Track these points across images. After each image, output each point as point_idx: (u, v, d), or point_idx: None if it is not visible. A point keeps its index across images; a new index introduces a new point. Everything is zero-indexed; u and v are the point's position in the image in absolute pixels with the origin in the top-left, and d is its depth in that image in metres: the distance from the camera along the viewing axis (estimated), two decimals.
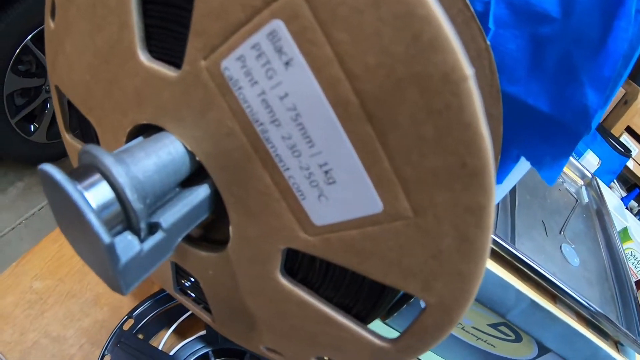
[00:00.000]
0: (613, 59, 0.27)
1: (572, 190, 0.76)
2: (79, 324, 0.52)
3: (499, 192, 0.39)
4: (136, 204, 0.21)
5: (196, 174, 0.25)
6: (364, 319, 0.27)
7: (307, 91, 0.16)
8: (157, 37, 0.22)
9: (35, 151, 1.35)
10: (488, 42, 0.25)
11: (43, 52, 1.26)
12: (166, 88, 0.22)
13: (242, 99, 0.18)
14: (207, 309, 0.40)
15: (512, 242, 0.52)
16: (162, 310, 0.50)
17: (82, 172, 0.20)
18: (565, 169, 0.82)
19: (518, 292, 0.45)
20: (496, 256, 0.45)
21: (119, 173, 0.20)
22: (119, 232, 0.22)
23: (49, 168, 0.20)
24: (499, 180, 0.36)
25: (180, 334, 0.52)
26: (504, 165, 0.34)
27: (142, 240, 0.22)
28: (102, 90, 0.26)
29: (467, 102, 0.15)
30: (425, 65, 0.15)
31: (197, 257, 0.31)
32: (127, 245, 0.21)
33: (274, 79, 0.17)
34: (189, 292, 0.41)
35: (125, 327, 0.48)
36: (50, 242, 0.58)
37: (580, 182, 0.81)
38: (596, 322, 0.47)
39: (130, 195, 0.20)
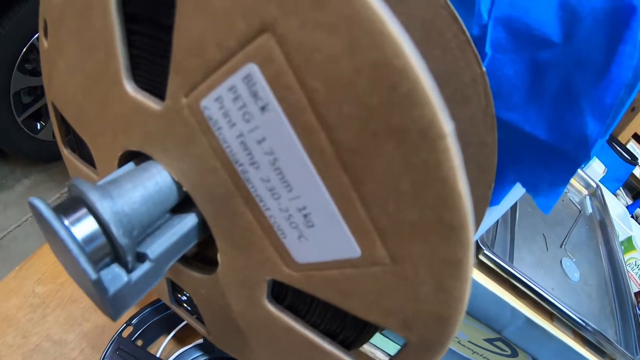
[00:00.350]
0: (616, 86, 0.26)
1: (576, 200, 0.76)
2: (80, 328, 0.53)
3: (495, 213, 0.39)
4: (122, 239, 0.21)
5: (186, 201, 0.25)
6: (350, 345, 0.27)
7: (283, 137, 0.16)
8: (143, 68, 0.22)
9: (42, 149, 1.37)
10: (484, 68, 0.24)
11: None
12: (151, 119, 0.22)
13: (221, 139, 0.18)
14: (202, 321, 0.40)
15: (511, 256, 0.52)
16: (161, 317, 0.51)
17: (69, 206, 0.21)
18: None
19: (514, 309, 0.44)
20: (492, 273, 0.45)
21: (104, 209, 0.20)
22: (107, 265, 0.22)
23: (37, 202, 0.20)
24: (496, 201, 0.36)
25: (179, 340, 0.52)
26: (501, 188, 0.34)
27: (129, 271, 0.22)
28: (93, 112, 0.26)
29: (445, 158, 0.15)
30: (402, 119, 0.15)
31: (190, 276, 0.31)
32: (115, 277, 0.22)
33: (250, 122, 0.17)
34: (184, 305, 0.41)
35: (125, 334, 0.49)
36: (42, 265, 0.59)
37: (585, 192, 0.80)
38: (593, 341, 0.46)
39: (116, 231, 0.20)
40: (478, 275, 0.44)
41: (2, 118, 1.20)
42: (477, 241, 0.44)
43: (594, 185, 0.80)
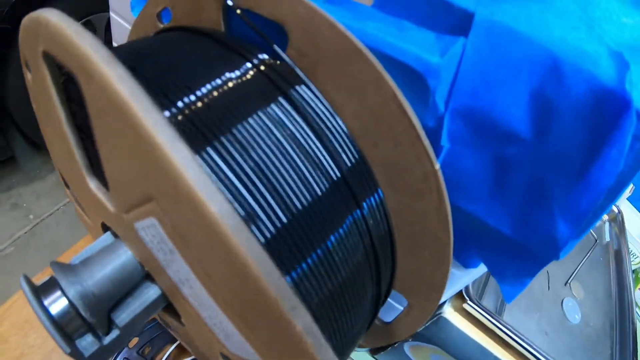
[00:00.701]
0: (595, 192, 0.23)
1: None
2: None
3: (474, 273, 0.39)
4: (89, 318, 0.24)
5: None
6: None
7: (191, 275, 0.18)
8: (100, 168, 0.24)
9: None
10: (437, 166, 0.24)
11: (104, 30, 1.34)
12: (109, 214, 0.24)
13: (156, 256, 0.21)
14: None
15: (504, 300, 0.52)
16: (165, 331, 0.55)
17: (49, 287, 0.24)
18: None
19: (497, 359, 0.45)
20: (477, 322, 0.46)
21: (72, 294, 0.23)
22: (83, 334, 0.25)
23: (22, 282, 0.24)
24: (474, 265, 0.36)
25: (183, 350, 0.57)
26: (472, 260, 0.34)
27: (101, 339, 0.26)
28: (75, 181, 0.29)
29: None
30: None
31: (169, 318, 0.34)
32: (89, 344, 0.25)
33: (167, 256, 0.19)
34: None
35: (131, 344, 0.53)
36: (72, 253, 0.64)
37: (605, 217, 0.77)
38: None
39: (83, 312, 0.23)
40: (462, 324, 0.45)
41: None
42: (461, 291, 0.45)
43: (616, 210, 0.77)
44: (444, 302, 0.48)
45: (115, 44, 0.53)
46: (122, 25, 0.50)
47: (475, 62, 0.22)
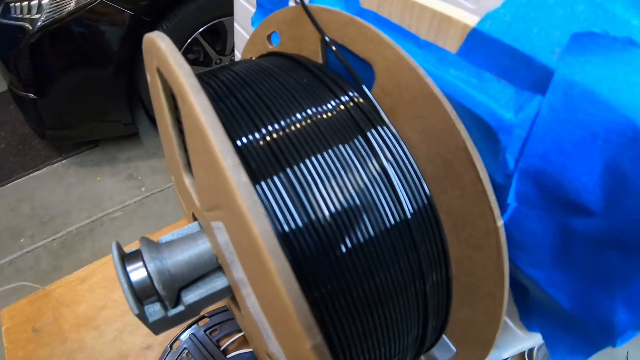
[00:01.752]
0: None
1: None
2: None
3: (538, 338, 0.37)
4: (161, 290, 0.28)
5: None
6: None
7: (244, 278, 0.21)
8: None
9: None
10: (500, 223, 0.24)
11: (211, 45, 1.50)
12: (197, 209, 0.28)
13: (224, 254, 0.24)
14: None
15: None
16: (234, 319, 0.60)
17: (134, 257, 0.29)
18: None
19: None
20: None
21: (151, 267, 0.28)
22: (153, 302, 0.30)
23: (113, 247, 0.29)
24: (536, 329, 0.34)
25: (247, 340, 0.61)
26: (532, 326, 0.32)
27: (167, 310, 0.30)
28: (175, 174, 0.34)
29: None
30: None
31: (235, 309, 0.38)
32: (155, 311, 0.30)
33: (231, 256, 0.22)
34: None
35: (200, 323, 0.59)
36: (172, 228, 0.72)
37: None
38: None
39: (157, 284, 0.28)
40: None
41: None
42: (524, 354, 0.43)
43: None
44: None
45: (237, 51, 0.60)
46: (244, 36, 0.56)
47: (550, 123, 0.21)
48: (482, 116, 0.23)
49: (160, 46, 0.21)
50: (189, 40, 1.42)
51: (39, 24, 1.31)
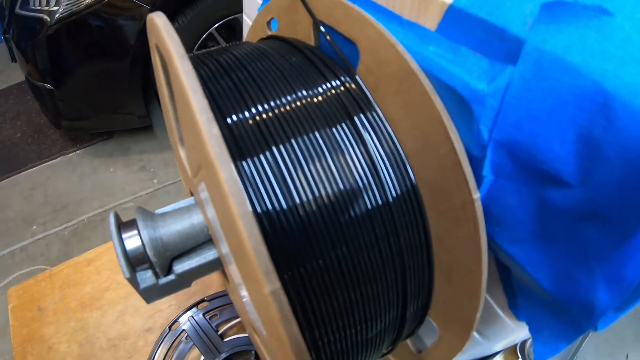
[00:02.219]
0: None
1: None
2: None
3: None
4: (152, 258, 0.30)
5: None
6: None
7: (222, 234, 0.23)
8: None
9: None
10: (475, 195, 0.25)
11: (226, 40, 1.53)
12: (190, 181, 0.30)
13: (209, 216, 0.26)
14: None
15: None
16: (231, 303, 0.62)
17: (129, 225, 0.30)
18: None
19: None
20: None
21: (144, 235, 0.29)
22: (145, 269, 0.31)
23: (111, 216, 0.31)
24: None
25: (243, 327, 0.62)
26: (521, 314, 0.32)
27: (158, 278, 0.32)
28: (175, 150, 0.36)
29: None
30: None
31: (228, 286, 0.40)
32: (146, 278, 0.31)
33: (214, 221, 0.24)
34: None
35: (200, 306, 0.61)
36: None
37: None
38: None
39: (149, 251, 0.30)
40: None
41: None
42: (515, 346, 0.43)
43: None
44: (497, 353, 0.47)
45: (246, 17, 0.63)
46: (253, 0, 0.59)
47: (521, 92, 0.22)
48: (456, 88, 0.24)
49: (156, 22, 0.23)
50: (204, 35, 1.45)
51: (57, 16, 1.35)
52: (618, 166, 0.20)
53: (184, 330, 0.59)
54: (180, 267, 0.32)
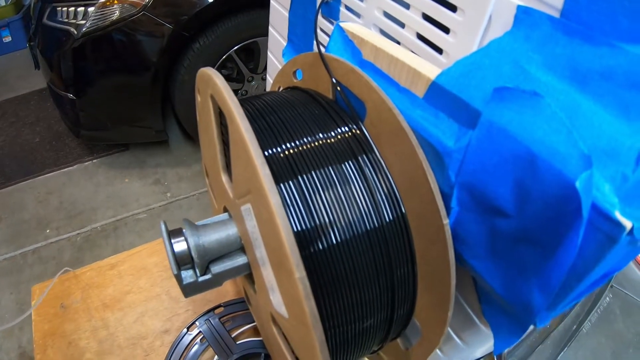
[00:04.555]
0: (561, 273, 0.28)
1: None
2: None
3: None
4: (196, 259, 0.40)
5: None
6: None
7: (262, 244, 0.32)
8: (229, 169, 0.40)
9: None
10: (445, 221, 0.34)
11: (244, 63, 1.65)
12: (229, 200, 0.40)
13: (250, 235, 0.35)
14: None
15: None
16: (247, 313, 0.71)
17: (177, 233, 0.40)
18: None
19: None
20: None
21: (191, 242, 0.39)
22: (188, 268, 0.41)
23: (162, 225, 0.40)
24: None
25: (256, 332, 0.71)
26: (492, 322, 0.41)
27: (198, 276, 0.41)
28: (213, 174, 0.46)
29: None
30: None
31: (249, 289, 0.49)
32: (189, 276, 0.41)
33: (256, 237, 0.33)
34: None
35: (216, 311, 0.70)
36: None
37: None
38: None
39: (194, 254, 0.39)
40: None
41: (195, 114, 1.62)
42: (493, 356, 0.52)
43: None
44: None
45: (269, 77, 0.73)
46: (275, 64, 0.69)
47: (477, 150, 0.31)
48: (434, 144, 0.34)
49: (216, 82, 0.33)
50: (223, 57, 1.57)
51: (83, 29, 1.48)
52: (540, 205, 0.29)
53: (200, 331, 0.68)
54: (216, 268, 0.42)
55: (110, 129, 1.67)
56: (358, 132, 0.38)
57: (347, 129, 0.38)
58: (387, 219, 0.37)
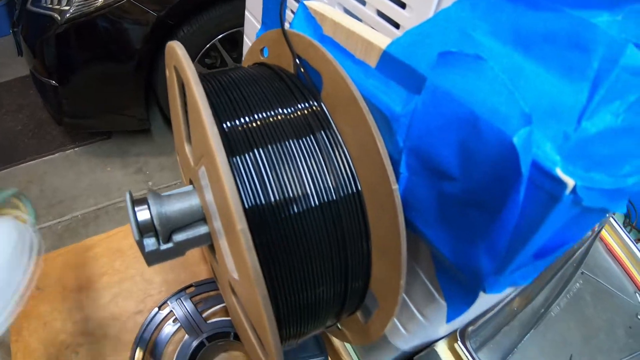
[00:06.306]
0: (507, 235, 0.28)
1: None
2: (165, 275, 0.78)
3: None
4: (158, 227, 0.41)
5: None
6: None
7: (213, 204, 0.34)
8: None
9: None
10: (395, 186, 0.35)
11: (228, 52, 1.66)
12: (192, 170, 0.41)
13: (207, 198, 0.37)
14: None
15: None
16: (217, 290, 0.72)
17: (141, 201, 0.42)
18: None
19: None
20: None
21: (154, 210, 0.41)
22: (150, 236, 0.42)
23: (127, 195, 0.42)
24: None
25: (226, 312, 0.72)
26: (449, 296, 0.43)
27: (160, 244, 0.43)
28: (180, 146, 0.48)
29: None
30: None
31: (213, 261, 0.51)
32: (151, 243, 0.42)
33: (209, 195, 0.35)
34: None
35: (188, 291, 0.72)
36: None
37: None
38: None
39: (156, 222, 0.41)
40: None
41: None
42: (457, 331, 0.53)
43: None
44: (442, 338, 0.57)
45: (246, 37, 0.74)
46: (253, 24, 0.70)
47: (423, 114, 0.33)
48: (383, 111, 0.36)
49: (177, 52, 0.35)
50: (207, 46, 1.58)
51: (67, 15, 1.48)
52: (483, 166, 0.29)
53: (171, 310, 0.69)
54: (178, 237, 0.43)
55: (93, 117, 1.68)
56: (316, 105, 0.39)
57: (306, 104, 0.39)
58: (342, 194, 0.38)
